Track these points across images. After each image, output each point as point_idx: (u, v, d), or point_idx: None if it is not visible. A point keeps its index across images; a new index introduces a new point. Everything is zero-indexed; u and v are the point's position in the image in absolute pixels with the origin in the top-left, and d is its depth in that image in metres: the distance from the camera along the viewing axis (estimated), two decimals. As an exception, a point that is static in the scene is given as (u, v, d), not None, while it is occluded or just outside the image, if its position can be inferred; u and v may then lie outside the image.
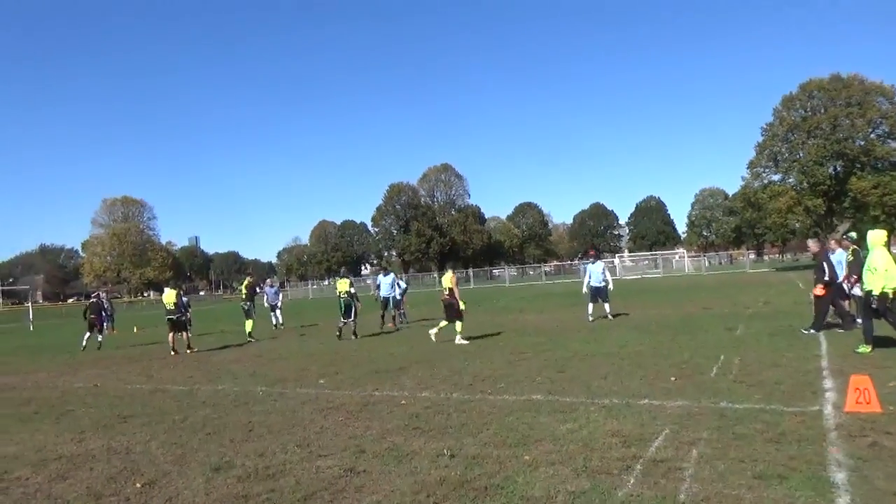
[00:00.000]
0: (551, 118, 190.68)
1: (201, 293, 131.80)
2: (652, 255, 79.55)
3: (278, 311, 22.73)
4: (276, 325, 22.26)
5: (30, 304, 46.89)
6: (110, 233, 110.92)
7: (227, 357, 14.97)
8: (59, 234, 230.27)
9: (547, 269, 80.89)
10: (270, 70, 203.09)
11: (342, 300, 17.34)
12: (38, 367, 15.38)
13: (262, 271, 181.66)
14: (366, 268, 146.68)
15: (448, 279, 14.72)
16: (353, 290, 17.49)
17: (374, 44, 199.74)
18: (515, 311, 24.26)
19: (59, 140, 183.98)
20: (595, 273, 17.68)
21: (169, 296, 16.53)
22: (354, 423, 7.24)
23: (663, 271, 63.76)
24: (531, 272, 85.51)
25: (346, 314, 17.22)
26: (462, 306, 14.50)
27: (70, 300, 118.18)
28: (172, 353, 15.79)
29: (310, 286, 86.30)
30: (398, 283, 20.58)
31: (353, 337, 16.84)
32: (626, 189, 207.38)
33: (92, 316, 19.96)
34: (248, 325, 18.77)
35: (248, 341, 18.05)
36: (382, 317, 19.44)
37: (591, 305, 17.54)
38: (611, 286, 17.89)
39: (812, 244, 13.73)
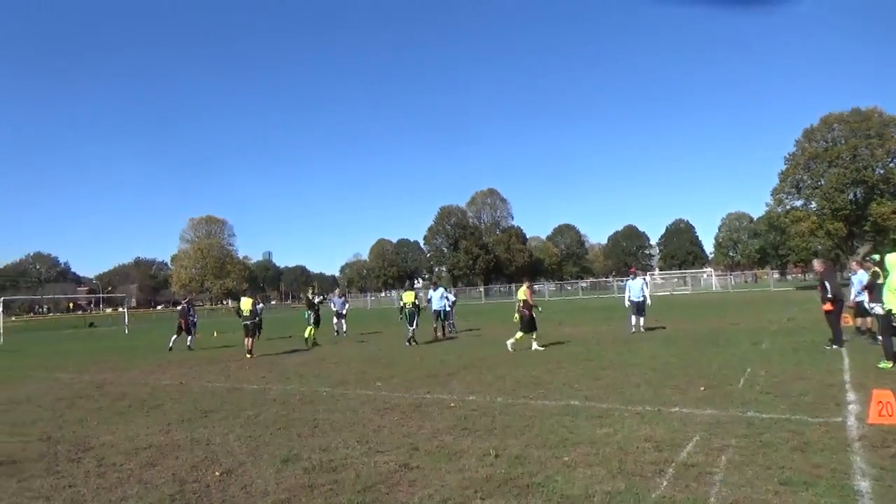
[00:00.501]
0: (588, 146, 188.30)
1: (272, 302, 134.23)
2: (681, 273, 77.83)
3: (343, 320, 22.83)
4: (337, 332, 22.42)
5: (125, 309, 48.46)
6: (195, 248, 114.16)
7: (295, 360, 15.17)
8: (151, 248, 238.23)
9: (584, 285, 79.93)
10: (335, 102, 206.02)
11: (407, 310, 17.56)
12: (131, 366, 15.84)
13: (327, 284, 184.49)
14: (418, 281, 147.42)
15: (522, 291, 14.70)
16: (417, 302, 17.82)
17: (419, 87, 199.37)
18: (554, 323, 23.98)
19: (151, 162, 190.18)
20: (635, 289, 17.32)
21: (246, 303, 16.84)
22: (408, 422, 7.25)
23: (692, 289, 62.26)
24: (569, 287, 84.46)
25: (411, 322, 17.42)
26: (535, 312, 14.53)
27: (159, 307, 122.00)
28: (248, 355, 16.01)
29: (368, 298, 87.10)
30: (447, 297, 20.60)
31: (410, 343, 16.98)
32: (657, 212, 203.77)
33: (180, 319, 20.65)
34: (307, 331, 18.94)
35: (310, 346, 18.21)
36: (435, 328, 19.48)
37: (633, 318, 17.22)
38: (648, 301, 17.52)
39: (817, 264, 13.24)
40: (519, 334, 14.33)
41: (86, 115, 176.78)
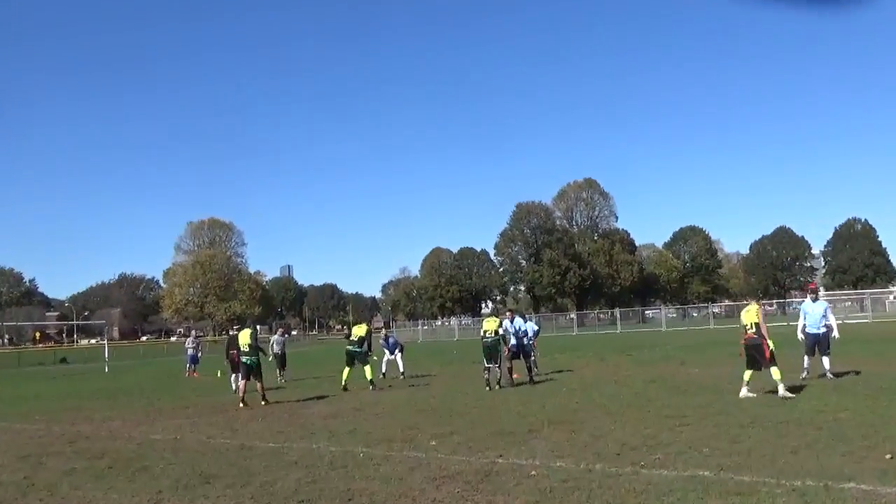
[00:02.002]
0: (722, 120, 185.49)
1: (294, 332, 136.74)
2: (857, 294, 75.26)
3: (399, 359, 22.88)
4: (390, 376, 22.58)
5: (105, 341, 50.24)
6: (194, 260, 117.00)
7: (322, 410, 15.37)
8: (140, 263, 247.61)
9: (715, 310, 78.42)
10: (369, 74, 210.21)
11: (488, 342, 17.85)
12: (113, 415, 16.37)
13: (363, 308, 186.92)
14: (486, 305, 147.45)
15: (754, 313, 14.22)
16: (502, 332, 18.14)
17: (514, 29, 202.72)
18: (675, 361, 23.51)
19: (142, 161, 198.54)
20: (814, 314, 16.44)
21: (244, 336, 17.15)
22: (474, 495, 7.23)
23: (872, 315, 60.09)
24: (695, 314, 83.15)
25: (490, 359, 17.70)
26: (771, 346, 13.96)
27: (145, 337, 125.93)
28: (241, 405, 16.24)
29: (420, 327, 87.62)
30: (530, 326, 20.58)
31: (491, 387, 17.33)
32: (822, 209, 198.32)
33: (233, 352, 20.51)
34: (368, 371, 19.16)
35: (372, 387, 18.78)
36: (510, 369, 19.44)
37: (806, 358, 16.33)
38: (835, 333, 16.46)
39: None
40: (748, 374, 13.88)
41: (59, 103, 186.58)
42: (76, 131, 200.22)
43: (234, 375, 20.50)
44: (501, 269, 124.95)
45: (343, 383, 19.18)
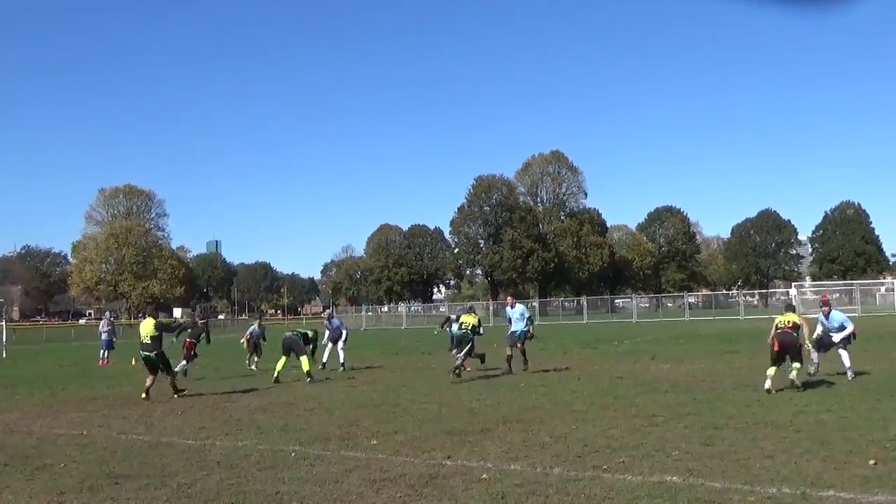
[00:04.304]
0: (704, 92, 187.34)
1: (220, 316, 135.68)
2: (846, 285, 76.86)
3: (340, 348, 22.86)
4: (330, 367, 22.63)
5: (4, 322, 49.17)
6: (107, 232, 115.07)
7: (251, 403, 15.31)
8: (45, 235, 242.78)
9: (692, 299, 79.65)
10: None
11: (461, 333, 18.82)
12: (10, 406, 16.12)
13: (300, 291, 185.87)
14: (439, 290, 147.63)
15: (796, 317, 15.07)
16: (481, 330, 19.13)
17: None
18: (645, 356, 23.84)
19: (51, 124, 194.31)
20: (830, 326, 16.94)
21: (146, 326, 16.97)
22: (417, 500, 7.27)
23: (862, 308, 61.35)
24: (669, 304, 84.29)
25: (461, 348, 18.52)
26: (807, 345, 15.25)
27: (52, 319, 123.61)
28: (143, 396, 16.24)
29: (364, 312, 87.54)
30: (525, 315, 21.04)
31: (456, 374, 18.13)
32: (810, 192, 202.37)
33: (187, 340, 21.37)
34: (304, 362, 19.18)
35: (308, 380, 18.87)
36: (509, 357, 19.98)
37: (814, 353, 16.69)
38: (849, 326, 16.82)
39: None
40: (772, 370, 14.35)
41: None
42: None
43: (185, 364, 21.06)
44: (457, 251, 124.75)
45: (276, 374, 19.15)
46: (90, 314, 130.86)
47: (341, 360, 22.61)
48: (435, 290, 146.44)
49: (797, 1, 6.67)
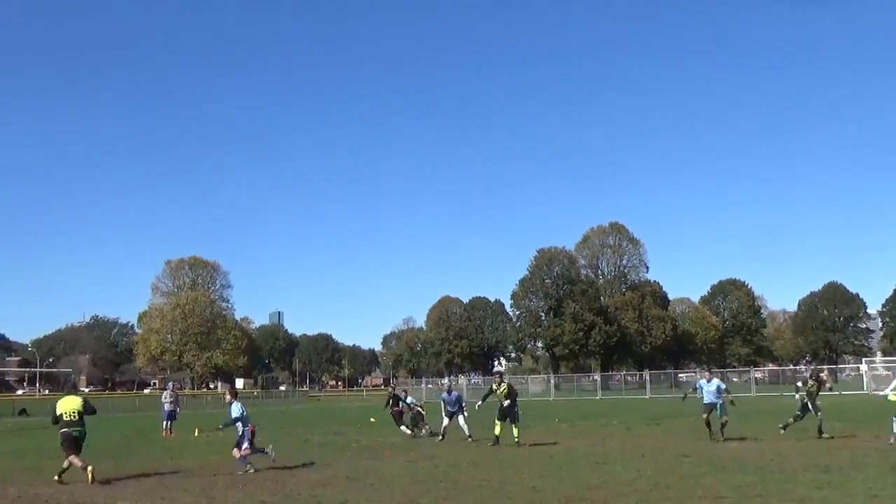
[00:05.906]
0: (767, 162, 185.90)
1: (282, 387, 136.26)
2: (919, 361, 74.43)
3: (462, 423, 22.79)
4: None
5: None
6: (173, 303, 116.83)
7: (310, 478, 15.29)
8: (114, 306, 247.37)
9: (758, 374, 77.76)
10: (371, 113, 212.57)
11: (500, 399, 20.20)
12: (75, 477, 16.28)
13: (361, 362, 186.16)
14: (499, 363, 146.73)
15: None
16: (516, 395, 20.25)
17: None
18: (708, 435, 23.36)
19: (120, 197, 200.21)
20: None
21: (70, 403, 16.51)
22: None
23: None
24: (735, 378, 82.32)
25: (506, 417, 20.03)
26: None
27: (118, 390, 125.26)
28: (57, 478, 15.59)
29: (423, 385, 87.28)
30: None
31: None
32: (879, 263, 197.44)
33: (395, 408, 22.18)
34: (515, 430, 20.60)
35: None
36: (709, 424, 21.00)
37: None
38: None
39: None
40: None
41: (23, 120, 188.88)
42: (42, 152, 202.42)
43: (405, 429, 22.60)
44: (518, 323, 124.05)
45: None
46: (154, 384, 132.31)
47: (467, 433, 22.52)
48: (496, 362, 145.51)
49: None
